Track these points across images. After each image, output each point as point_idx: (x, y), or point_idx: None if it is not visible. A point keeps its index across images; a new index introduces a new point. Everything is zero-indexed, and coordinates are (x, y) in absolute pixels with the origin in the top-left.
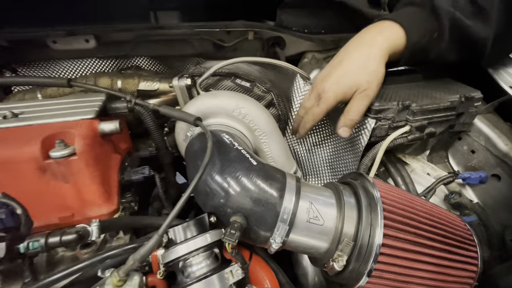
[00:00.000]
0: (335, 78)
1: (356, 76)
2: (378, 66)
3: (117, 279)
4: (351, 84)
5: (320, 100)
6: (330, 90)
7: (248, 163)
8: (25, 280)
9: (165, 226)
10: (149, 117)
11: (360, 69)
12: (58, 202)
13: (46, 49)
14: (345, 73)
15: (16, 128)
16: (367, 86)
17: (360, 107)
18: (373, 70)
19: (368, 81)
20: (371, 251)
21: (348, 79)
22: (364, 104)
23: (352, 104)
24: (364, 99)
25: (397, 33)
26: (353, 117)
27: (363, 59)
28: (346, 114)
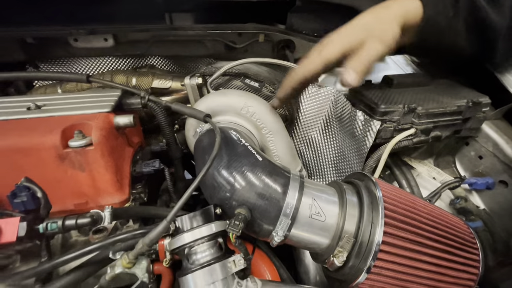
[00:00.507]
0: (343, 29)
1: (367, 23)
2: (392, 22)
3: (126, 261)
4: (361, 30)
5: (322, 49)
6: (335, 38)
7: (254, 159)
8: (42, 259)
9: (173, 213)
10: (161, 113)
11: (372, 20)
12: (74, 189)
13: (68, 46)
14: (355, 23)
15: (39, 119)
16: (380, 33)
17: (373, 50)
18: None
19: (382, 29)
20: (371, 248)
21: (358, 27)
22: (378, 48)
23: (363, 48)
24: (378, 43)
25: (414, 3)
26: (363, 59)
27: (376, 14)
28: (355, 56)
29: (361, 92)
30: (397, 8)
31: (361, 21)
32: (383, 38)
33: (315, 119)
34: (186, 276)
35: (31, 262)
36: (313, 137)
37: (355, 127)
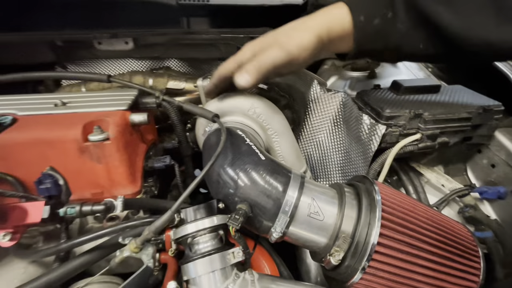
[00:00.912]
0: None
1: (278, 31)
2: (306, 30)
3: (134, 246)
4: (270, 37)
5: (238, 51)
6: (249, 43)
7: (257, 158)
8: (61, 240)
9: (178, 204)
10: (174, 112)
11: (285, 28)
12: (91, 180)
13: (92, 49)
14: (271, 32)
15: (64, 115)
16: (284, 39)
17: (268, 57)
18: (299, 30)
19: (288, 36)
20: (367, 249)
21: (270, 34)
22: (273, 55)
23: (263, 53)
24: (276, 50)
25: (339, 10)
26: (256, 63)
27: (292, 25)
28: (252, 60)
29: (368, 96)
30: (318, 17)
31: (277, 29)
32: (285, 45)
33: (322, 122)
34: (188, 264)
35: (52, 243)
36: (320, 139)
37: (361, 130)
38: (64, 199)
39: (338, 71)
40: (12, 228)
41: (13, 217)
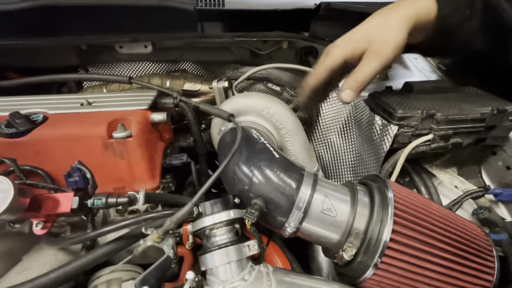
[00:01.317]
0: (348, 35)
1: (370, 32)
2: (399, 27)
3: (156, 236)
4: (362, 40)
5: (326, 58)
6: (339, 45)
7: (271, 155)
8: (88, 230)
9: (198, 197)
10: (190, 112)
11: (376, 26)
12: (114, 175)
13: (114, 52)
14: (359, 30)
15: (90, 113)
16: (380, 45)
17: (368, 68)
18: (391, 29)
19: (383, 41)
20: (379, 245)
21: (361, 35)
22: (373, 66)
23: (359, 64)
24: (374, 59)
25: (427, 2)
26: (358, 78)
27: (382, 19)
28: (352, 74)
29: (380, 97)
30: (407, 9)
31: (365, 27)
32: (382, 52)
33: (334, 123)
34: (206, 255)
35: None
36: (332, 140)
37: (373, 131)
38: (91, 192)
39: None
40: (44, 217)
41: (45, 206)
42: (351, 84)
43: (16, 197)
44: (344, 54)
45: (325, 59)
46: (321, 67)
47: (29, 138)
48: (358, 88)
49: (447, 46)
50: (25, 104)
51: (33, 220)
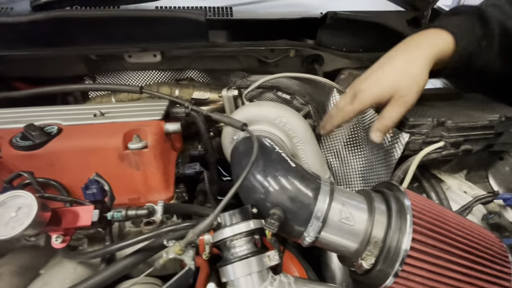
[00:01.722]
0: (374, 79)
1: (395, 80)
2: (421, 72)
3: (178, 248)
4: (389, 87)
5: (355, 99)
6: (367, 90)
7: (287, 165)
8: (106, 243)
9: (219, 209)
10: (201, 121)
11: (400, 73)
12: (129, 185)
13: (122, 62)
14: (384, 75)
15: (105, 124)
16: (405, 92)
17: (395, 114)
18: (415, 75)
19: (408, 87)
20: (399, 254)
21: (387, 82)
22: (400, 112)
23: (387, 109)
24: (401, 106)
25: (445, 40)
26: (387, 123)
27: (405, 63)
28: (380, 119)
29: None
30: (427, 47)
31: (390, 74)
32: (408, 98)
33: (342, 130)
34: (227, 267)
35: (96, 245)
36: (340, 147)
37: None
38: (109, 204)
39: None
40: (63, 231)
41: (65, 220)
42: (380, 127)
43: (39, 212)
44: (372, 100)
45: (353, 101)
46: (351, 109)
47: (45, 150)
48: (386, 131)
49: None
50: (38, 116)
51: (52, 233)
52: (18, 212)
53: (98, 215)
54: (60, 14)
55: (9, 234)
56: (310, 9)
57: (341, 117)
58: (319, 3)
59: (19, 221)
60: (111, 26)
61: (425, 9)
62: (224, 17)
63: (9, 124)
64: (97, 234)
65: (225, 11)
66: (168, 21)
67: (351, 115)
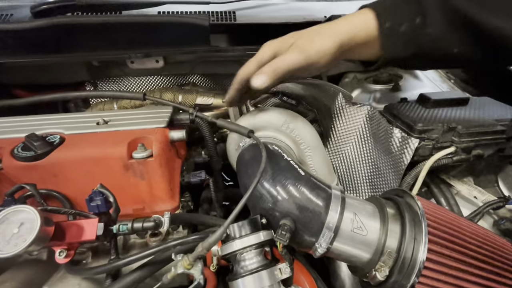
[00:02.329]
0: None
1: (300, 33)
2: (328, 38)
3: (187, 263)
4: (291, 36)
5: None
6: (269, 42)
7: (297, 173)
8: (111, 256)
9: (229, 221)
10: (206, 128)
11: (309, 31)
12: (134, 196)
13: (124, 67)
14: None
15: (108, 133)
16: (305, 42)
17: (287, 59)
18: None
19: (309, 40)
20: (415, 265)
21: (292, 35)
22: (292, 58)
23: (282, 55)
24: (296, 52)
25: (364, 15)
26: (273, 64)
27: (316, 28)
28: (270, 62)
29: (397, 109)
30: (343, 23)
31: (301, 31)
32: (304, 48)
33: (348, 135)
34: (237, 281)
35: (101, 258)
36: (346, 152)
37: (391, 143)
38: (114, 216)
39: (360, 84)
40: (67, 245)
41: (69, 234)
42: (266, 68)
43: (43, 227)
44: (272, 49)
45: (257, 53)
46: (251, 61)
47: (47, 161)
48: (271, 75)
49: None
50: (39, 125)
51: (55, 248)
52: (21, 228)
53: (103, 229)
54: (61, 20)
55: (12, 251)
56: (314, 12)
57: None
58: (322, 7)
59: (22, 237)
60: (113, 32)
61: None
62: (228, 21)
63: (10, 133)
64: (102, 246)
65: (228, 16)
66: (171, 26)
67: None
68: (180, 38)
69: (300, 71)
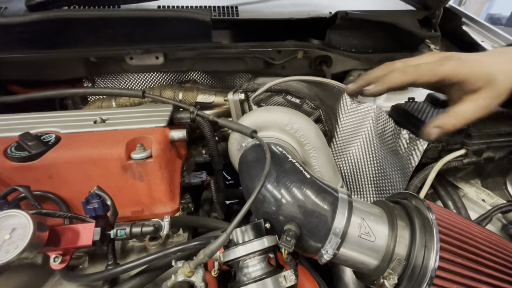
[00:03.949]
0: (476, 58)
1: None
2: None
3: (188, 270)
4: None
5: (447, 61)
6: (467, 61)
7: (302, 176)
8: (109, 262)
9: (232, 227)
10: (207, 127)
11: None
12: (133, 198)
13: (123, 64)
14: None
15: (106, 132)
16: (496, 95)
17: (473, 115)
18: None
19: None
20: (426, 273)
21: (488, 69)
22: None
23: (465, 104)
24: (483, 108)
25: None
26: (458, 121)
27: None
28: (450, 113)
29: (405, 110)
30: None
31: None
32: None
33: (354, 135)
34: None
35: (98, 263)
36: (352, 153)
37: (399, 145)
38: (112, 220)
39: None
40: (62, 250)
41: (65, 239)
42: (448, 124)
43: (36, 232)
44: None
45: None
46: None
47: (42, 161)
48: (450, 131)
49: None
50: (34, 123)
51: (50, 253)
52: (12, 234)
53: (100, 233)
54: (57, 14)
55: (3, 259)
56: (318, 8)
57: (418, 75)
58: (327, 2)
59: (14, 244)
60: (111, 27)
61: (436, 8)
62: (230, 17)
63: (3, 132)
64: (99, 250)
65: (230, 11)
66: (171, 21)
67: (432, 77)
68: (181, 34)
69: None
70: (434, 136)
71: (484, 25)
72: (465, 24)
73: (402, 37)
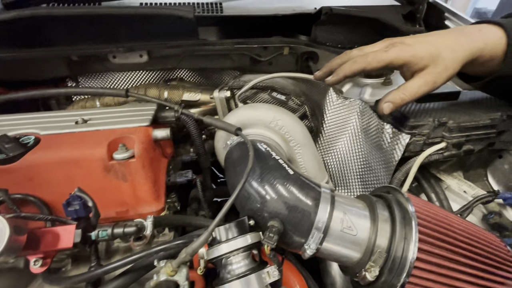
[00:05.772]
0: (420, 40)
1: (440, 51)
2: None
3: (170, 269)
4: (431, 54)
5: (392, 47)
6: (411, 44)
7: (285, 172)
8: (92, 263)
9: (214, 225)
10: (193, 126)
11: (446, 49)
12: (116, 198)
13: (106, 62)
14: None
15: (87, 132)
16: (441, 69)
17: (418, 89)
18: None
19: (446, 67)
20: (405, 264)
21: (432, 48)
22: (423, 89)
23: (413, 80)
24: (429, 83)
25: (495, 33)
26: (406, 95)
27: (453, 43)
28: (401, 89)
29: None
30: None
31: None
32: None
33: (340, 130)
34: (224, 286)
35: (81, 265)
36: (338, 148)
37: (382, 139)
38: (94, 221)
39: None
40: (43, 254)
41: (44, 242)
42: (397, 98)
43: (12, 236)
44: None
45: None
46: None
47: (21, 164)
48: (400, 105)
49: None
50: (12, 125)
51: (30, 257)
52: None
53: (81, 235)
54: (34, 12)
55: None
56: (304, 4)
57: (366, 63)
58: None
59: None
60: (93, 25)
61: (420, 3)
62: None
63: None
64: (82, 252)
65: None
66: (154, 18)
67: (378, 64)
68: (164, 31)
69: None
70: (387, 111)
71: (466, 20)
72: (448, 19)
73: (386, 32)
